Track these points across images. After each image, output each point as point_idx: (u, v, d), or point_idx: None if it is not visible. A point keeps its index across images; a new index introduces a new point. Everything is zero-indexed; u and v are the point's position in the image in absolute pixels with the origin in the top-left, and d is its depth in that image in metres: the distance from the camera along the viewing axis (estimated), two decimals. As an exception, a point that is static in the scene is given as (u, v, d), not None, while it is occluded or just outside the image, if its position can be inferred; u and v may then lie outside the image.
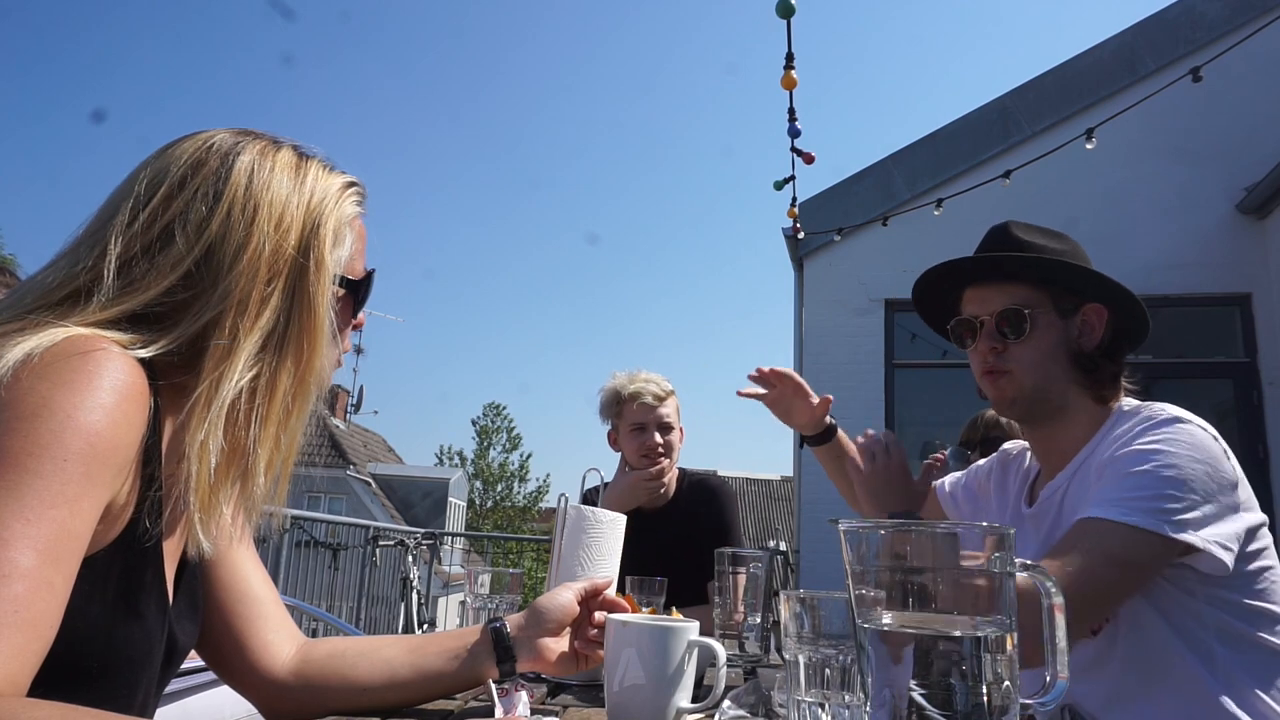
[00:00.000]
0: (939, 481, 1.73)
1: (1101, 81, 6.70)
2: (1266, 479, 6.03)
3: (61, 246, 0.86)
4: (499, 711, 0.91)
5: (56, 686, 0.68)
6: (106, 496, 0.74)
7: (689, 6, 70.71)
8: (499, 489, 34.93)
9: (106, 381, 0.74)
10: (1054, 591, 0.69)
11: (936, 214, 6.19)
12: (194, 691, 1.81)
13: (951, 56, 70.04)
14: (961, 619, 0.58)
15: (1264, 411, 6.18)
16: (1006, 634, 0.58)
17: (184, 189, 0.85)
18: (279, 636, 1.03)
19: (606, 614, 1.08)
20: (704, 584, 1.55)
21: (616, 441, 2.46)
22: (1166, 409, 1.30)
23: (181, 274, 0.83)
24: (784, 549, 1.58)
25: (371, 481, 22.89)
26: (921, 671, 0.58)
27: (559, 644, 1.11)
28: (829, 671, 0.78)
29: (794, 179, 5.51)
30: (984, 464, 1.69)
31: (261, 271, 0.85)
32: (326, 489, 20.97)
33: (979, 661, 0.57)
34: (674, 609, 1.36)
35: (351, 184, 0.97)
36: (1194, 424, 1.26)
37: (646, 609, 1.34)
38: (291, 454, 0.91)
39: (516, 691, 0.95)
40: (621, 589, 1.51)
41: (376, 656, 1.05)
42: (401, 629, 6.55)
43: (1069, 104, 6.70)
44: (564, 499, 1.45)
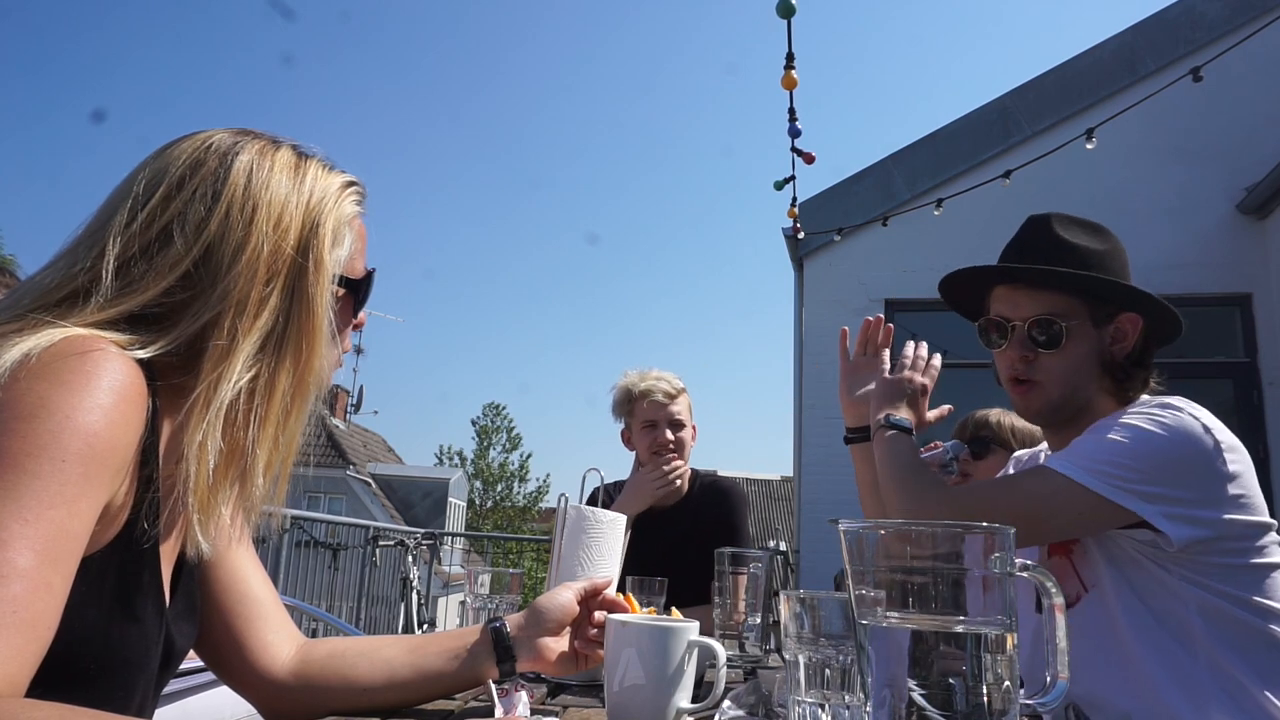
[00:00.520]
0: None
1: (1101, 81, 6.69)
2: (1267, 479, 6.03)
3: (60, 247, 0.86)
4: (499, 711, 0.91)
5: (54, 687, 0.68)
6: (104, 497, 0.74)
7: (689, 6, 70.78)
8: (499, 489, 34.93)
9: (104, 382, 0.73)
10: (1054, 591, 0.69)
11: (936, 214, 6.18)
12: (194, 692, 1.81)
13: (951, 56, 70.14)
14: (961, 619, 0.58)
15: (1264, 411, 6.18)
16: (1006, 634, 0.58)
17: (182, 189, 0.85)
18: (278, 637, 1.03)
19: (606, 614, 1.08)
20: (707, 584, 1.55)
21: (630, 440, 2.46)
22: (1172, 399, 1.32)
23: (180, 274, 0.83)
24: (784, 549, 1.58)
25: (371, 481, 22.88)
26: (921, 671, 0.58)
27: (559, 644, 1.11)
28: (829, 671, 0.78)
29: (794, 179, 5.52)
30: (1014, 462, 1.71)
31: (260, 272, 0.85)
32: (326, 489, 20.96)
33: (979, 661, 0.57)
34: (674, 609, 1.35)
35: (351, 183, 0.96)
36: (1184, 411, 1.27)
37: (646, 609, 1.34)
38: (291, 454, 0.90)
39: (516, 691, 0.95)
40: (622, 589, 1.51)
41: (376, 656, 1.05)
42: (401, 629, 6.55)
43: (1069, 104, 6.70)
44: (564, 499, 1.45)
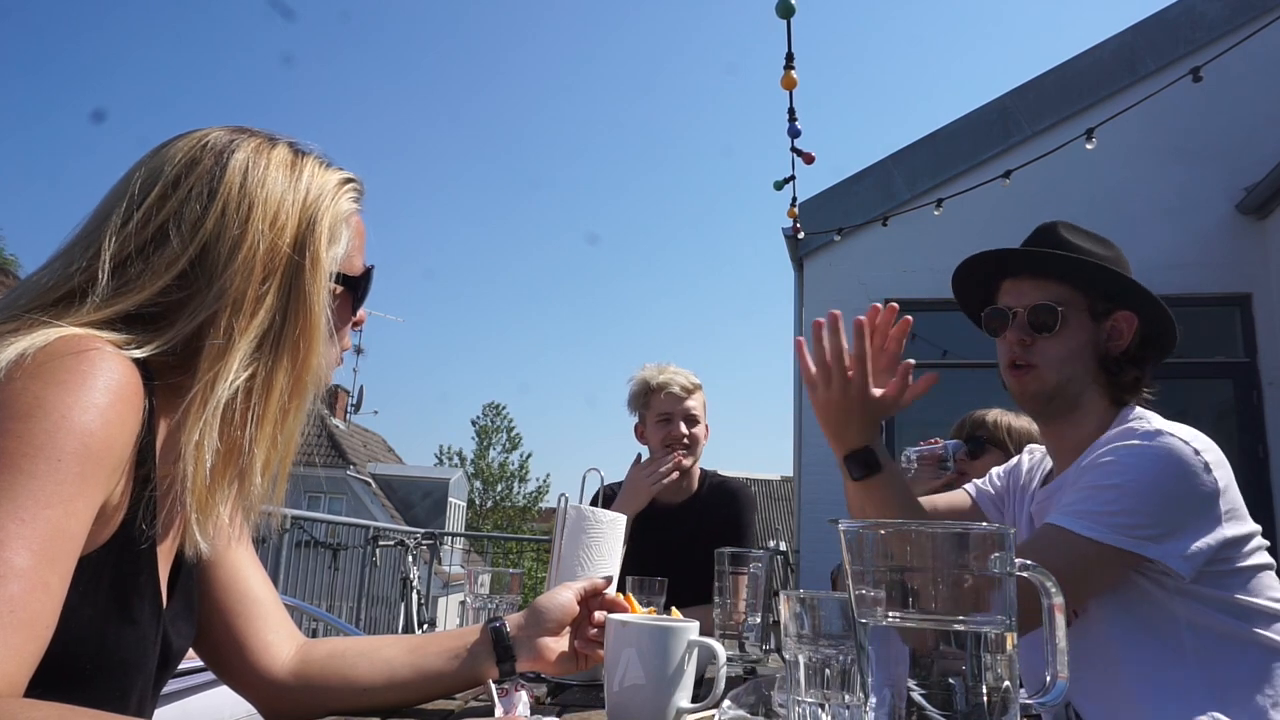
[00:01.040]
0: (970, 487, 1.73)
1: (1101, 81, 6.69)
2: (1266, 479, 6.03)
3: (57, 247, 0.85)
4: (499, 711, 0.91)
5: (51, 688, 0.68)
6: (101, 497, 0.74)
7: (689, 6, 70.77)
8: (499, 489, 34.93)
9: (100, 381, 0.73)
10: (1054, 591, 0.69)
11: (936, 214, 6.18)
12: (193, 691, 1.81)
13: (951, 56, 70.13)
14: (961, 619, 0.58)
15: (1264, 411, 6.18)
16: (1006, 634, 0.58)
17: (178, 188, 0.85)
18: (278, 637, 1.03)
19: (606, 614, 1.08)
20: (712, 585, 1.55)
21: (643, 434, 2.46)
22: (1151, 421, 1.32)
23: (176, 274, 0.82)
24: (784, 549, 1.58)
25: (371, 481, 22.88)
26: (921, 671, 0.58)
27: (559, 644, 1.11)
28: (829, 671, 0.78)
29: (794, 179, 5.51)
30: (1004, 467, 1.71)
31: (257, 270, 0.84)
32: (326, 489, 20.96)
33: (979, 661, 0.57)
34: (674, 609, 1.35)
35: (348, 180, 0.96)
36: (1173, 437, 1.26)
37: (646, 609, 1.34)
38: (289, 454, 0.90)
39: (516, 691, 0.95)
40: (622, 589, 1.51)
41: (376, 656, 1.05)
42: (401, 629, 6.55)
43: (1069, 104, 6.70)
44: (564, 499, 1.45)
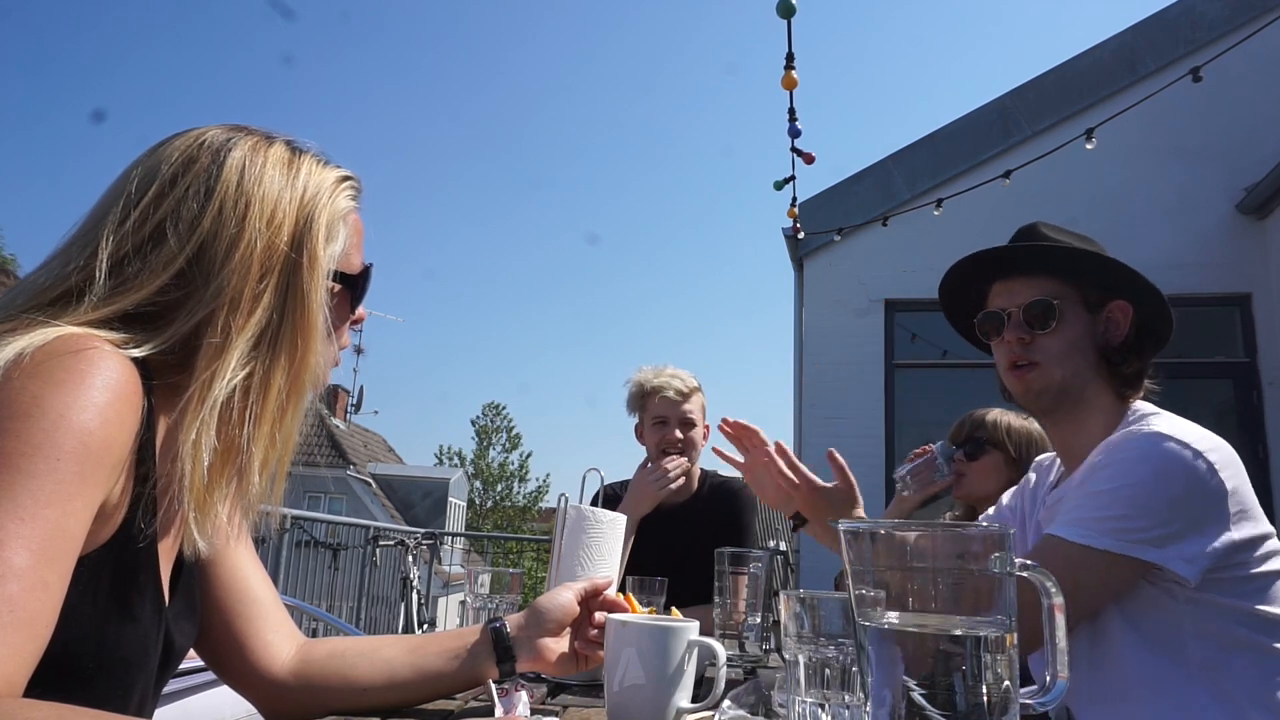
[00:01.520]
0: (981, 521, 1.70)
1: (1101, 81, 6.70)
2: (1266, 479, 6.03)
3: (55, 247, 0.85)
4: (499, 711, 0.91)
5: (52, 687, 0.68)
6: (100, 496, 0.74)
7: (689, 6, 70.78)
8: (499, 489, 34.94)
9: (99, 380, 0.73)
10: (1054, 591, 0.69)
11: (936, 214, 6.18)
12: (194, 691, 1.81)
13: (951, 56, 70.15)
14: (961, 619, 0.58)
15: (1264, 411, 6.18)
16: (1006, 634, 0.58)
17: (175, 187, 0.85)
18: (279, 636, 1.03)
19: (606, 614, 1.08)
20: (713, 584, 1.55)
21: (643, 436, 2.47)
22: (1154, 423, 1.28)
23: (174, 273, 0.82)
24: (784, 549, 1.58)
25: (371, 481, 22.89)
26: (921, 671, 0.58)
27: (559, 644, 1.11)
28: (829, 671, 0.78)
29: (794, 179, 5.51)
30: (1011, 491, 1.69)
31: (254, 269, 0.84)
32: (326, 489, 20.96)
33: (979, 661, 0.57)
34: (674, 609, 1.36)
35: (345, 178, 0.95)
36: (1172, 439, 1.23)
37: (646, 609, 1.34)
38: (288, 452, 0.90)
39: (516, 691, 0.95)
40: (622, 589, 1.51)
41: (376, 656, 1.05)
42: (401, 629, 6.55)
43: (1069, 104, 6.70)
44: (564, 499, 1.45)
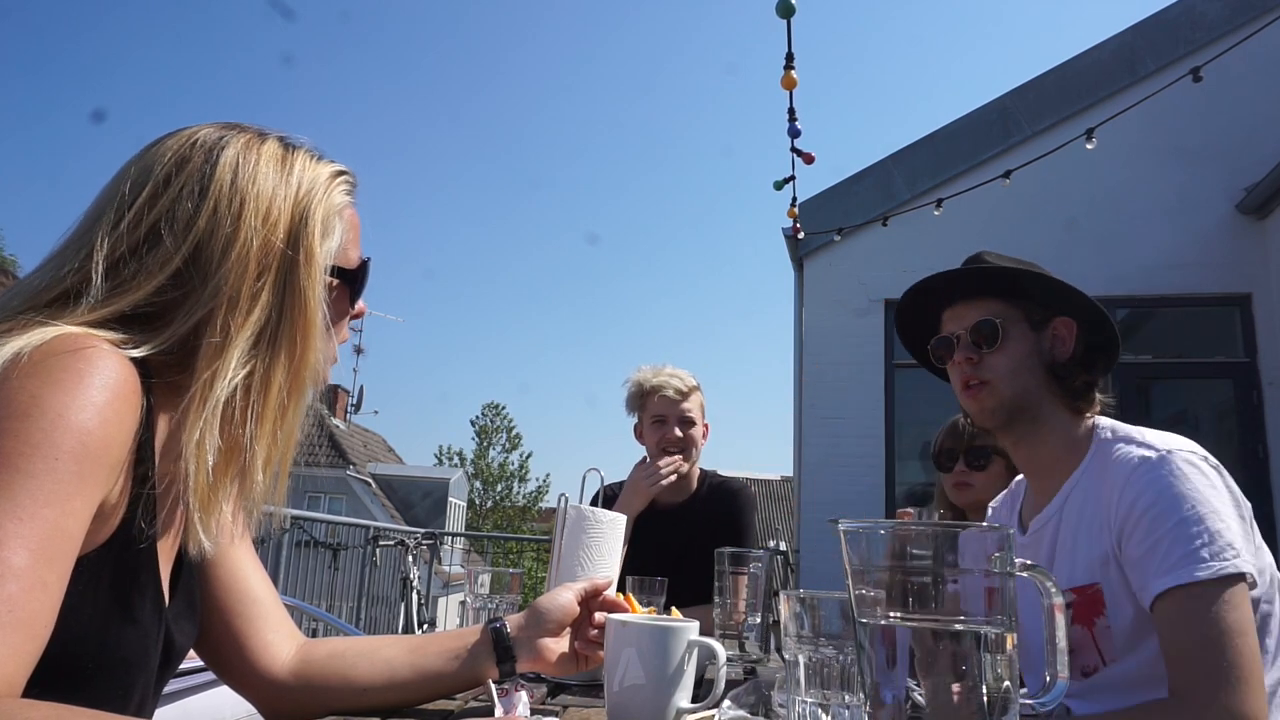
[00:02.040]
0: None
1: (1101, 81, 6.70)
2: (1266, 479, 6.03)
3: (51, 249, 0.85)
4: (499, 711, 0.91)
5: (52, 687, 0.68)
6: (99, 495, 0.74)
7: (689, 6, 70.77)
8: (499, 489, 34.94)
9: (98, 380, 0.73)
10: (1054, 592, 0.69)
11: (936, 214, 6.18)
12: (194, 691, 1.81)
13: (951, 56, 70.11)
14: (961, 619, 0.58)
15: (1264, 411, 6.18)
16: (1006, 634, 0.58)
17: (169, 187, 0.85)
18: (279, 637, 1.03)
19: (606, 614, 1.08)
20: (713, 584, 1.55)
21: (642, 435, 2.47)
22: (1152, 442, 1.29)
23: (171, 273, 0.82)
24: (784, 549, 1.58)
25: (371, 481, 22.88)
26: (921, 672, 0.58)
27: (559, 644, 1.11)
28: (829, 671, 0.78)
29: (794, 179, 5.52)
30: (999, 500, 1.68)
31: (251, 267, 0.84)
32: (326, 489, 20.96)
33: (979, 661, 0.57)
34: (674, 609, 1.35)
35: (340, 173, 0.95)
36: (1186, 452, 1.26)
37: (646, 609, 1.34)
38: (290, 450, 0.90)
39: (516, 691, 0.95)
40: (622, 588, 1.51)
41: (376, 656, 1.05)
42: (401, 629, 6.55)
43: (1069, 104, 6.70)
44: (564, 499, 1.45)
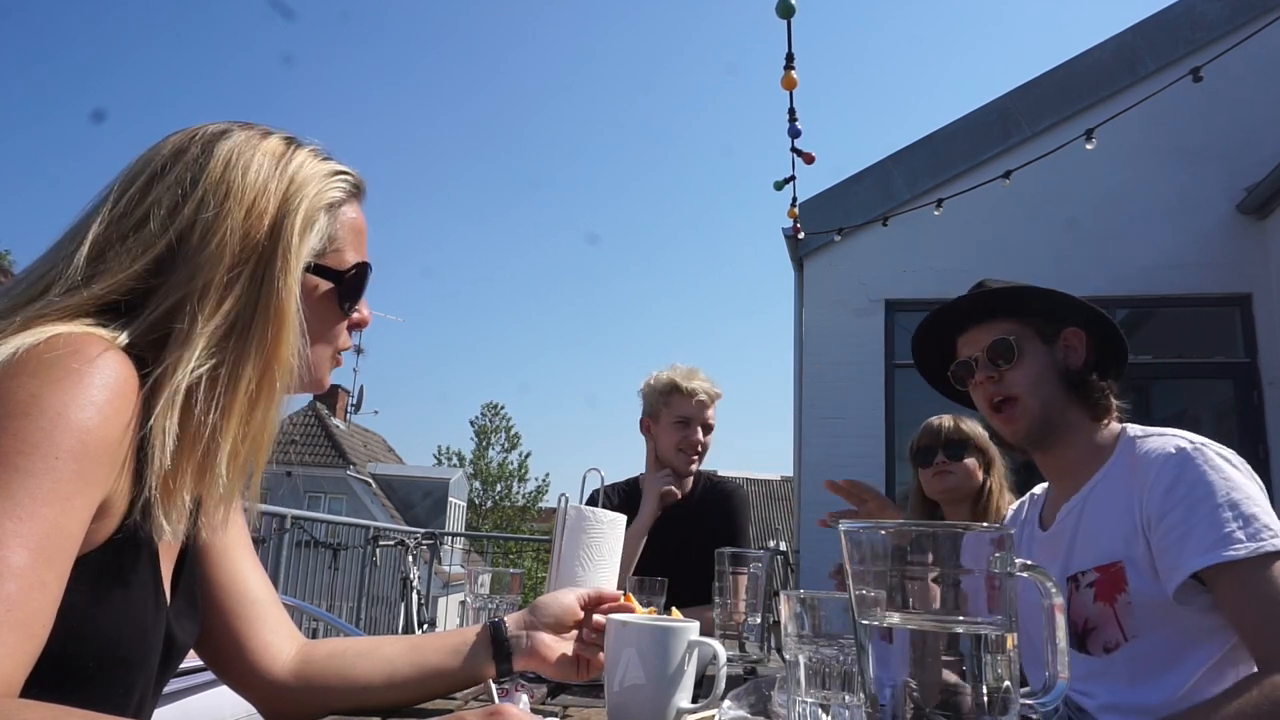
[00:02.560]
0: None
1: (1101, 82, 6.69)
2: (1267, 479, 6.00)
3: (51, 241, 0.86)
4: (498, 710, 0.91)
5: (52, 686, 0.68)
6: (99, 494, 0.74)
7: (689, 6, 70.74)
8: (498, 489, 34.92)
9: (98, 379, 0.73)
10: (1054, 592, 0.69)
11: (936, 214, 6.18)
12: (194, 691, 1.81)
13: (951, 56, 70.10)
14: (961, 619, 0.58)
15: (1264, 411, 6.18)
16: (1006, 634, 0.58)
17: (164, 176, 0.85)
18: (278, 637, 1.03)
19: (606, 614, 1.08)
20: (709, 585, 1.56)
21: (649, 430, 2.49)
22: (1187, 435, 1.35)
23: (153, 258, 0.82)
24: (784, 549, 1.58)
25: (371, 481, 22.88)
26: (922, 672, 0.58)
27: (558, 644, 1.11)
28: (829, 671, 0.78)
29: (794, 179, 5.51)
30: (1015, 508, 1.74)
31: (228, 257, 0.83)
32: (326, 489, 20.96)
33: (979, 661, 0.57)
34: (674, 609, 1.35)
35: (339, 172, 0.94)
36: (1214, 445, 1.32)
37: (647, 609, 1.34)
38: (262, 447, 0.88)
39: (517, 691, 0.95)
40: (622, 589, 1.51)
41: (376, 655, 1.05)
42: (401, 629, 6.55)
43: (1069, 104, 6.70)
44: (564, 499, 1.45)
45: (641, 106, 69.14)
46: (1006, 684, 0.58)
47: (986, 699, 0.57)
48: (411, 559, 6.70)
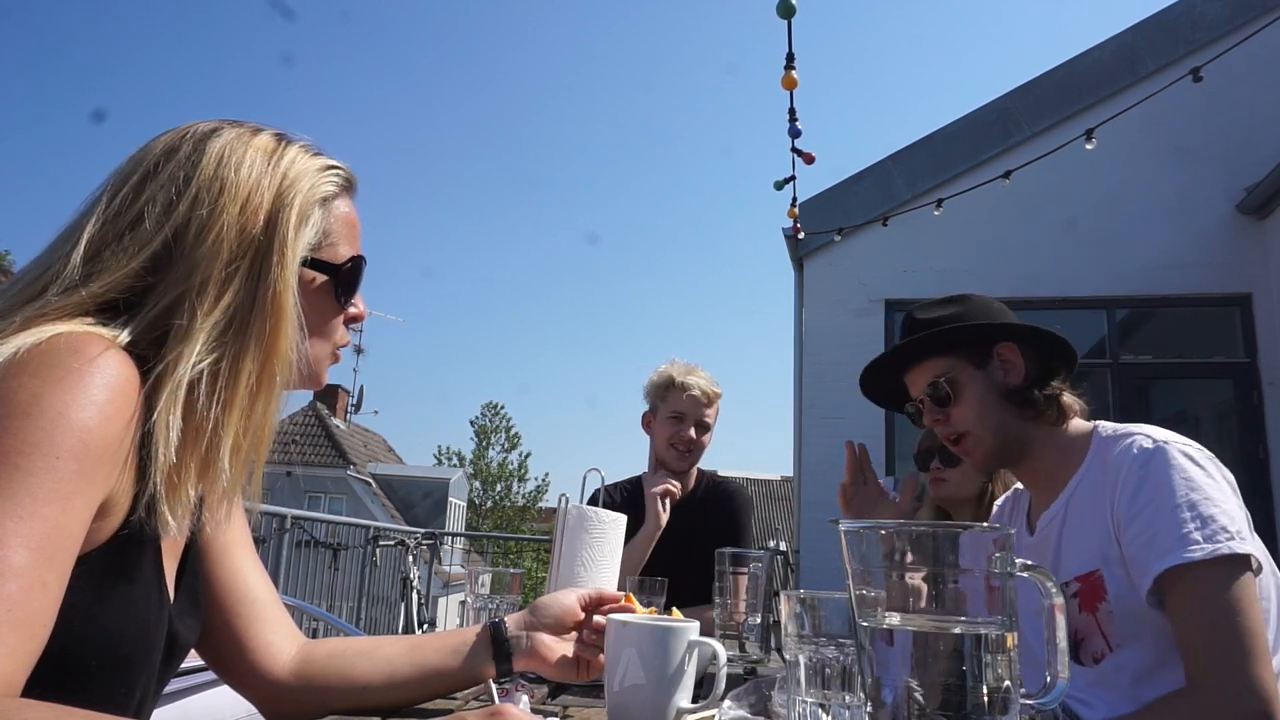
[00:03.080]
0: None
1: (1101, 82, 6.70)
2: (1266, 479, 6.03)
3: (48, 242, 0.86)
4: (499, 710, 0.91)
5: (54, 685, 0.68)
6: (101, 494, 0.74)
7: (689, 6, 70.71)
8: (498, 489, 34.91)
9: (99, 378, 0.73)
10: (1054, 592, 0.69)
11: (936, 214, 6.18)
12: (194, 691, 1.81)
13: (951, 56, 70.03)
14: (961, 619, 0.58)
15: (1264, 411, 6.18)
16: (1006, 634, 0.58)
17: (158, 175, 0.85)
18: (279, 637, 1.03)
19: (607, 614, 1.08)
20: (709, 585, 1.56)
21: (651, 426, 2.49)
22: (1150, 434, 1.33)
23: (148, 257, 0.82)
24: (784, 549, 1.58)
25: (371, 481, 22.88)
26: (922, 672, 0.58)
27: (558, 644, 1.11)
28: (829, 671, 0.78)
29: (794, 179, 5.51)
30: (1001, 503, 1.74)
31: (224, 253, 0.84)
32: (327, 489, 20.97)
33: (979, 661, 0.57)
34: (674, 609, 1.35)
35: (331, 167, 0.94)
36: (1179, 443, 1.31)
37: (647, 609, 1.34)
38: (263, 441, 0.88)
39: (517, 691, 0.95)
40: (622, 588, 1.51)
41: (376, 655, 1.05)
42: (401, 629, 6.56)
43: (1069, 104, 6.70)
44: (564, 499, 1.45)
45: (641, 106, 69.18)
46: (1007, 684, 0.58)
47: (987, 699, 0.57)
48: (411, 559, 6.70)
